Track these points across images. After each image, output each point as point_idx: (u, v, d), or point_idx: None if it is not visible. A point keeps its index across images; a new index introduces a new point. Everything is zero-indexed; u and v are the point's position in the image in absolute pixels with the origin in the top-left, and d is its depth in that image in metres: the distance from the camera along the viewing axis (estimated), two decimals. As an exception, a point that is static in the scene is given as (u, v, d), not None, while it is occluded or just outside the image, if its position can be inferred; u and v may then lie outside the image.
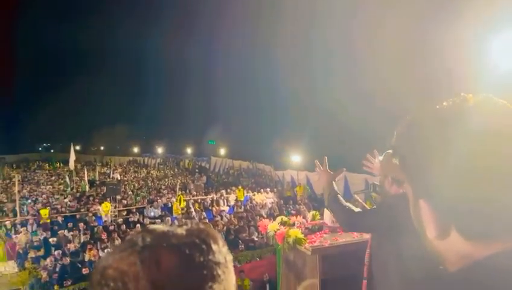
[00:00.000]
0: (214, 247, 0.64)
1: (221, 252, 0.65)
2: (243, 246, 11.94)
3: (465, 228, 0.66)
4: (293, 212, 14.36)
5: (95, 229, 13.64)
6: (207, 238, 0.64)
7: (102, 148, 62.51)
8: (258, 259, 10.88)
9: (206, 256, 0.62)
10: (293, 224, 3.41)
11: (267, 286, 9.66)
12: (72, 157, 23.98)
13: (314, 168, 3.02)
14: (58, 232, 13.26)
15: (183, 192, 20.24)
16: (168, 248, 0.60)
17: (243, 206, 17.12)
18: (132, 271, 0.58)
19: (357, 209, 2.67)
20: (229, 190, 20.18)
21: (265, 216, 13.70)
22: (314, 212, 3.70)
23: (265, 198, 18.36)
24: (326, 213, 2.67)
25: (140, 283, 0.57)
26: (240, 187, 19.63)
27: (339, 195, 2.71)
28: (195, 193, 20.81)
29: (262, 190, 19.87)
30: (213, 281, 0.61)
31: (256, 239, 12.40)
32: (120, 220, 14.95)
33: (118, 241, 11.23)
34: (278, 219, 3.55)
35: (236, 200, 18.02)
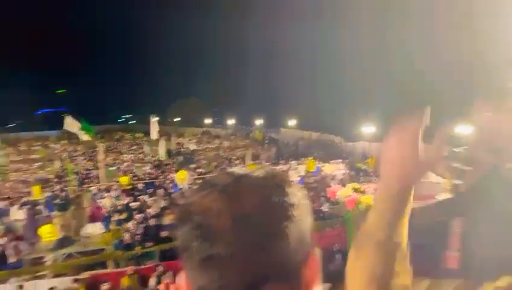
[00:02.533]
0: (289, 189, 0.66)
1: (296, 195, 0.67)
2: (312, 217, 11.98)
3: None
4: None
5: (172, 195, 14.42)
6: (282, 181, 0.67)
7: (178, 119, 65.10)
8: (328, 229, 10.83)
9: (281, 197, 0.64)
10: (364, 191, 3.35)
11: (336, 256, 9.63)
12: (156, 128, 25.13)
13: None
14: (139, 197, 14.20)
15: (254, 162, 20.61)
16: (246, 188, 0.64)
17: (312, 177, 17.07)
18: (215, 207, 0.61)
19: None
20: (299, 161, 20.19)
21: (335, 187, 13.56)
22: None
23: (336, 169, 18.14)
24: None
25: (221, 219, 0.60)
26: (310, 158, 19.53)
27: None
28: (265, 162, 21.11)
29: (332, 161, 19.64)
30: (288, 221, 0.63)
31: (326, 210, 12.36)
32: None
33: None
34: (349, 185, 3.50)
35: (307, 170, 17.97)
